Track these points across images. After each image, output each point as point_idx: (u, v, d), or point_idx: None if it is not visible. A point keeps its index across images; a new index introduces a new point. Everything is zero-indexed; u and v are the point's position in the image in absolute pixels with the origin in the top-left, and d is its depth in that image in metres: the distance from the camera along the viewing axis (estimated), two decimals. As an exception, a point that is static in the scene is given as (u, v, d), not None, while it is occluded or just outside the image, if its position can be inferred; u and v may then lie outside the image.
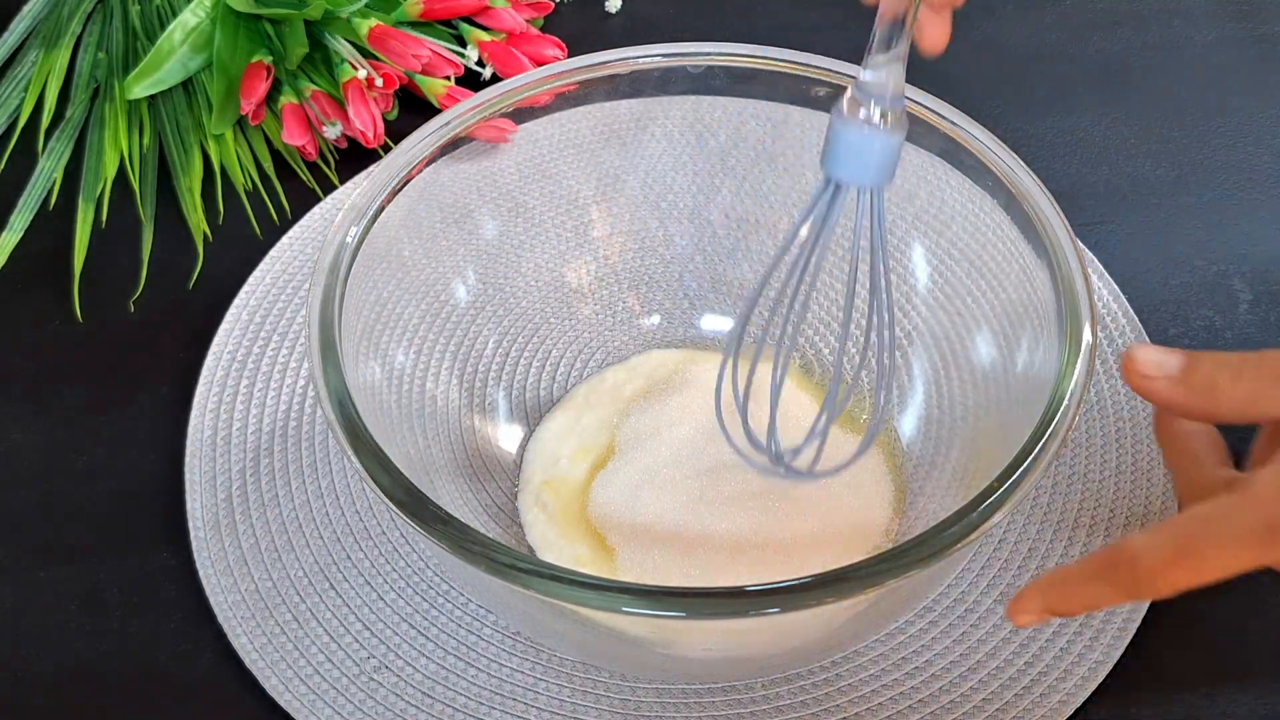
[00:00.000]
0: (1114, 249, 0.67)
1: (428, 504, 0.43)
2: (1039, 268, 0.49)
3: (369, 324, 0.52)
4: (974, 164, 0.52)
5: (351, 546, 0.56)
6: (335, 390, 0.46)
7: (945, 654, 0.53)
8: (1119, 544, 0.40)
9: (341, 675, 0.52)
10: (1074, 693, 0.51)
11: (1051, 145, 0.72)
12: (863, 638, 0.52)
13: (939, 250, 0.57)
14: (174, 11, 0.74)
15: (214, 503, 0.57)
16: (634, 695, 0.52)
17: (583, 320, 0.62)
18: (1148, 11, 0.79)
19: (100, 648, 0.54)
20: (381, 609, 0.54)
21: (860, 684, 0.52)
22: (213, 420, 0.60)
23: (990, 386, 0.54)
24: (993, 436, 0.51)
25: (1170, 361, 0.41)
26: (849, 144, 0.46)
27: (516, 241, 0.61)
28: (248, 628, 0.53)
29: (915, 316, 0.58)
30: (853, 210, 0.47)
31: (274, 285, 0.64)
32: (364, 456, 0.44)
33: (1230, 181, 0.70)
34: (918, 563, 0.41)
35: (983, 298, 0.55)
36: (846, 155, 0.46)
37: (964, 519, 0.42)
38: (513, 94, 0.54)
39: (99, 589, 0.56)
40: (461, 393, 0.59)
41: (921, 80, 0.54)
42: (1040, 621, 0.42)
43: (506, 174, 0.59)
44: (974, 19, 0.79)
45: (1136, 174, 0.71)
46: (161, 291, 0.66)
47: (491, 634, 0.54)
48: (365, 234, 0.50)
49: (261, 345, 0.62)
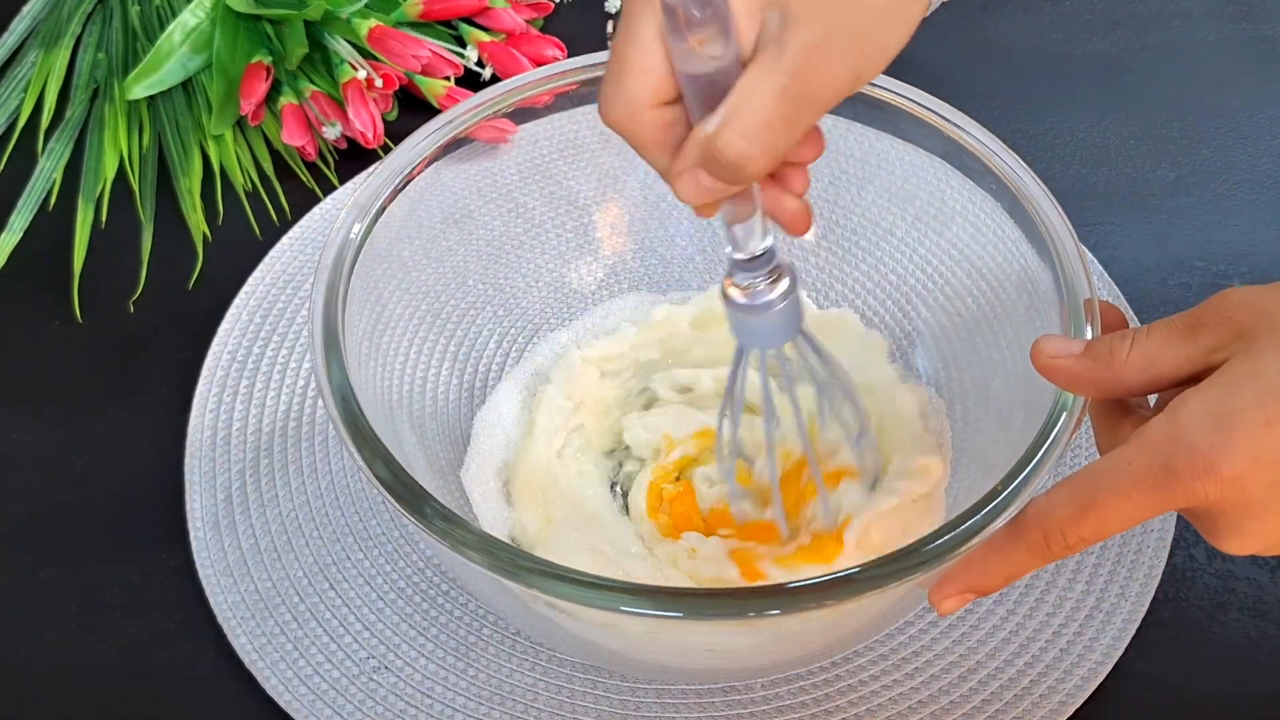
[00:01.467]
0: (1113, 249, 0.67)
1: (429, 500, 0.43)
2: (1041, 269, 0.49)
3: (371, 323, 0.52)
4: (975, 165, 0.52)
5: (351, 546, 0.56)
6: (338, 386, 0.46)
7: (945, 655, 0.53)
8: (1023, 509, 0.41)
9: (341, 675, 0.52)
10: (1074, 694, 0.51)
11: (1051, 146, 0.72)
12: (863, 639, 0.52)
13: (940, 251, 0.57)
14: (174, 12, 0.74)
15: (214, 503, 0.57)
16: (634, 695, 0.52)
17: (583, 320, 0.62)
18: (1147, 12, 0.79)
19: (100, 647, 0.54)
20: (381, 609, 0.54)
21: (860, 685, 0.52)
22: (212, 420, 0.60)
23: (992, 389, 0.54)
24: (995, 440, 0.51)
25: (1073, 343, 0.43)
26: (747, 323, 0.46)
27: (517, 242, 0.61)
28: (247, 628, 0.53)
29: (916, 318, 0.58)
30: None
31: (274, 285, 0.64)
32: (366, 453, 0.44)
33: (1230, 182, 0.70)
34: (919, 566, 0.41)
35: (984, 299, 0.55)
36: (751, 330, 0.46)
37: (965, 524, 0.42)
38: (513, 94, 0.54)
39: (99, 589, 0.56)
40: (462, 392, 0.59)
41: (922, 81, 0.54)
42: (964, 604, 0.43)
43: (507, 174, 0.59)
44: (974, 19, 0.79)
45: (1136, 174, 0.71)
46: (161, 291, 0.66)
47: (491, 634, 0.54)
48: (368, 232, 0.50)
49: (261, 345, 0.62)
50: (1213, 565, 0.56)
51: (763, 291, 0.44)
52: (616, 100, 0.39)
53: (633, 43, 0.39)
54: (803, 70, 0.37)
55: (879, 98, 0.54)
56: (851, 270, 0.60)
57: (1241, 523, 0.39)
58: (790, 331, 0.46)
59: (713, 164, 0.39)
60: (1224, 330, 0.40)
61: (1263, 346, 0.38)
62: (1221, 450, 0.38)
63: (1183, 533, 0.56)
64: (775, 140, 0.38)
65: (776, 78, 0.37)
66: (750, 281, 0.44)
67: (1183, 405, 0.39)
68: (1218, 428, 0.38)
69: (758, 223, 0.43)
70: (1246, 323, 0.39)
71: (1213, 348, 0.40)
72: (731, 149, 0.38)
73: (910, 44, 0.40)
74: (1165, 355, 0.41)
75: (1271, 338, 0.38)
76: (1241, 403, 0.38)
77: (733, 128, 0.38)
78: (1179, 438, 0.38)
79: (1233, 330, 0.39)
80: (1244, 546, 0.40)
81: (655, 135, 0.40)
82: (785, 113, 0.38)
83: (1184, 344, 0.40)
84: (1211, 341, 0.40)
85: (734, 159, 0.38)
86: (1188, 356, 0.40)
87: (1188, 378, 0.40)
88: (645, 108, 0.39)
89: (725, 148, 0.38)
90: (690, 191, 0.40)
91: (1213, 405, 0.38)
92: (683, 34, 0.37)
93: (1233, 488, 0.38)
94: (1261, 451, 0.37)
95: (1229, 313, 0.40)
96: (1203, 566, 0.56)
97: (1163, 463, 0.38)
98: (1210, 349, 0.40)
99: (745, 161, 0.38)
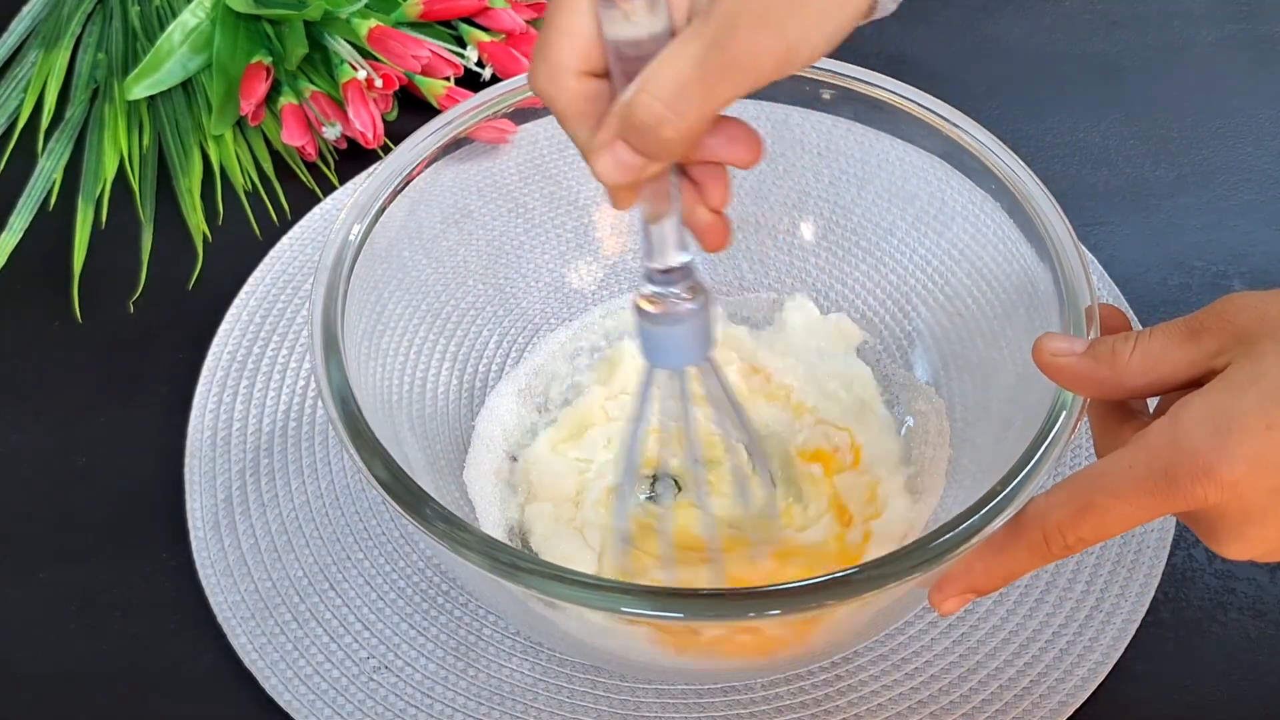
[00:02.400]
0: (1113, 249, 0.67)
1: (428, 501, 0.43)
2: (1041, 270, 0.49)
3: (370, 324, 0.52)
4: (975, 165, 0.52)
5: (351, 546, 0.56)
6: (338, 387, 0.46)
7: (945, 655, 0.53)
8: (1023, 510, 0.41)
9: (341, 675, 0.52)
10: (1074, 693, 0.51)
11: (1051, 146, 0.72)
12: (863, 639, 0.52)
13: (939, 251, 0.57)
14: (174, 12, 0.74)
15: (214, 503, 0.57)
16: (634, 695, 0.52)
17: (584, 321, 0.62)
18: (1147, 12, 0.80)
19: (100, 648, 0.54)
20: (381, 609, 0.54)
21: (860, 685, 0.52)
22: (212, 420, 0.60)
23: (992, 389, 0.54)
24: (995, 440, 0.51)
25: (1076, 342, 0.43)
26: (655, 337, 0.46)
27: (517, 242, 0.61)
28: (247, 628, 0.53)
29: (916, 318, 0.59)
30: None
31: (274, 285, 0.64)
32: (366, 453, 0.44)
33: (1229, 182, 0.70)
34: (918, 567, 0.41)
35: (983, 299, 0.55)
36: (659, 347, 0.46)
37: (964, 523, 0.42)
38: (513, 94, 0.54)
39: (99, 589, 0.56)
40: (462, 393, 0.59)
41: (920, 80, 0.54)
42: (964, 604, 0.44)
43: (507, 174, 0.59)
44: (974, 19, 0.79)
45: (1136, 174, 0.71)
46: (161, 291, 0.66)
47: (491, 634, 0.54)
48: (368, 233, 0.50)
49: (261, 345, 0.62)
50: (1213, 565, 0.56)
51: (674, 304, 0.44)
52: (541, 64, 0.39)
53: (564, 9, 0.38)
54: (727, 38, 0.37)
55: (879, 98, 0.54)
56: (851, 270, 0.60)
57: (1240, 528, 0.39)
58: (699, 353, 0.46)
59: (629, 129, 0.38)
60: (1226, 334, 0.40)
61: (1264, 351, 0.38)
62: (1221, 454, 0.37)
63: (1183, 533, 0.56)
64: (690, 105, 0.37)
65: (699, 43, 0.37)
66: (663, 294, 0.44)
67: (1184, 409, 0.39)
68: (1218, 431, 0.38)
69: (673, 231, 0.43)
70: (1249, 327, 0.39)
71: (1215, 351, 0.40)
72: (646, 109, 0.37)
73: (910, 44, 0.40)
74: (1167, 358, 0.41)
75: (1274, 342, 0.38)
76: (1242, 407, 0.38)
77: (648, 89, 0.37)
78: (1179, 441, 0.38)
79: (1235, 334, 0.39)
80: (1243, 551, 0.40)
81: (577, 105, 0.39)
82: (703, 77, 0.37)
83: (1186, 347, 0.40)
84: (1214, 346, 0.40)
85: (648, 120, 0.37)
86: (1190, 360, 0.40)
87: (1189, 381, 0.40)
88: (569, 73, 0.39)
89: (639, 107, 0.37)
90: (608, 166, 0.39)
91: (1214, 409, 0.38)
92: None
93: (1232, 492, 0.38)
94: (1261, 456, 0.37)
95: (1231, 317, 0.40)
96: (1203, 566, 0.56)
97: (1163, 466, 0.38)
98: (1212, 353, 0.40)
99: (659, 123, 0.37)
